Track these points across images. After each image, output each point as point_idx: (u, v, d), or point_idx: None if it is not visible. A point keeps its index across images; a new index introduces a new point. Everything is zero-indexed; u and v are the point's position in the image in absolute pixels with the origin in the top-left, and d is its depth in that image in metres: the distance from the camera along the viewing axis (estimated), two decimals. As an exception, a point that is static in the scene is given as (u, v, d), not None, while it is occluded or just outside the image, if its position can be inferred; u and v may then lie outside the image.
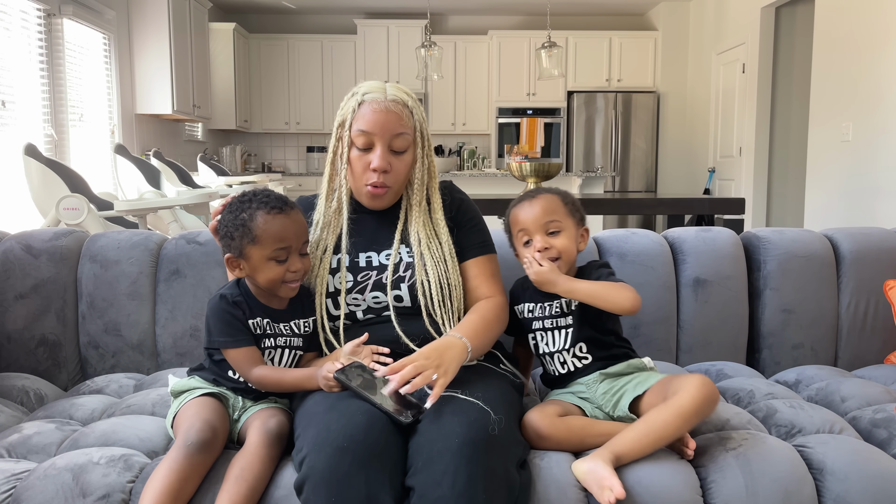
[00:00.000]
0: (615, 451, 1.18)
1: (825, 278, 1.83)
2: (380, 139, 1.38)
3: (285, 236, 1.30)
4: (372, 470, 1.08)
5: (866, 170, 4.44)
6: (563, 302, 1.43)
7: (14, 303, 1.72)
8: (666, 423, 1.19)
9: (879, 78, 4.28)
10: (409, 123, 1.41)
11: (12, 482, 1.18)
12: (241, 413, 1.31)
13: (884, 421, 1.38)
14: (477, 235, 1.49)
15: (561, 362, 1.43)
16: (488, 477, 1.07)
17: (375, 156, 1.38)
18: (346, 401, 1.18)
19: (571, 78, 7.65)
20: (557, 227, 1.43)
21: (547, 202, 1.45)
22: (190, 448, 1.14)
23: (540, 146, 4.60)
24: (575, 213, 1.47)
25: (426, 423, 1.15)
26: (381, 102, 1.38)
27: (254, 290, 1.35)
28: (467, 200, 1.54)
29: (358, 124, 1.38)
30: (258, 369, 1.29)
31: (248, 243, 1.29)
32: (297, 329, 1.37)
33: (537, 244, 1.42)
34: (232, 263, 1.32)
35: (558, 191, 1.50)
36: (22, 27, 4.07)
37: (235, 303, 1.31)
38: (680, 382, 1.25)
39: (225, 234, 1.32)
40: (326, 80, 7.73)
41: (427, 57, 5.43)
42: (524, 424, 1.28)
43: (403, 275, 1.40)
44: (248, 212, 1.30)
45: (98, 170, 4.98)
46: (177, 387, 1.35)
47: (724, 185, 6.69)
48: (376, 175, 1.38)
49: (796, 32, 5.82)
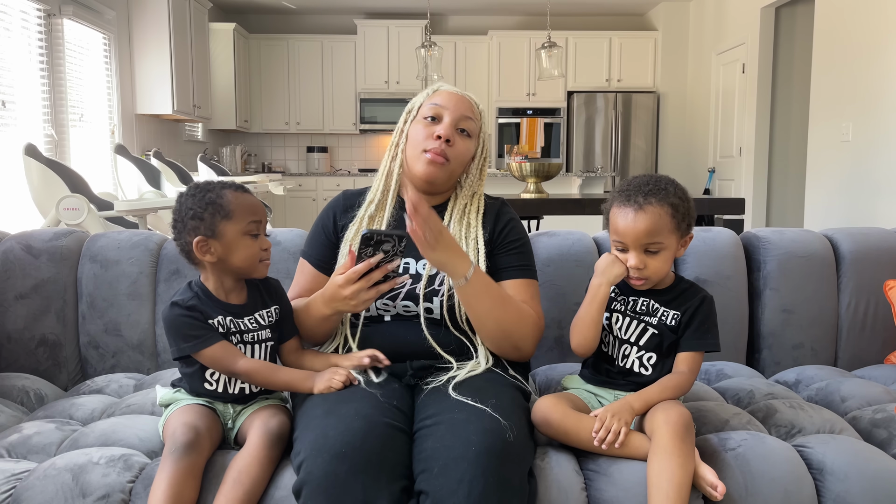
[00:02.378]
0: None
1: (825, 278, 1.83)
2: (450, 113, 1.40)
3: (256, 210, 1.29)
4: (369, 476, 1.07)
5: (866, 170, 4.44)
6: (652, 304, 1.35)
7: (14, 303, 1.72)
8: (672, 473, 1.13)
9: (879, 78, 4.28)
10: (478, 118, 1.45)
11: (12, 482, 1.18)
12: (233, 418, 1.29)
13: (884, 421, 1.38)
14: (519, 258, 1.44)
15: (625, 354, 1.36)
16: (504, 487, 1.07)
17: (443, 125, 1.39)
18: (345, 405, 1.17)
19: (571, 78, 7.65)
20: (658, 248, 1.31)
21: (653, 219, 1.29)
22: (175, 453, 1.14)
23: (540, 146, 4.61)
24: (682, 224, 1.33)
25: (441, 428, 1.14)
26: (456, 91, 1.44)
27: (213, 282, 1.30)
28: (517, 222, 1.50)
29: (430, 101, 1.42)
30: (244, 361, 1.25)
31: (221, 219, 1.25)
32: (262, 321, 1.32)
33: (632, 261, 1.31)
34: (202, 248, 1.26)
35: (671, 196, 1.32)
36: (22, 27, 4.08)
37: (190, 307, 1.25)
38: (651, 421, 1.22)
39: (192, 217, 1.26)
40: (326, 80, 7.73)
41: (427, 57, 5.43)
42: (535, 409, 1.27)
43: (438, 288, 1.36)
44: (214, 192, 1.27)
45: (98, 170, 4.98)
46: (163, 399, 1.33)
47: (724, 185, 6.69)
48: (438, 143, 1.37)
49: (796, 32, 5.82)
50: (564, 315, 1.74)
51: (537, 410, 1.27)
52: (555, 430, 1.25)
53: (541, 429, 1.27)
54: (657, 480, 1.14)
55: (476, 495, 1.05)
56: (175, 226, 1.30)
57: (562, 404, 1.27)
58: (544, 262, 1.76)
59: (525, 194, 3.85)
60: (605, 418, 1.21)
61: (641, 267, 1.31)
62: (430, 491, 1.08)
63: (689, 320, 1.32)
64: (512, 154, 4.43)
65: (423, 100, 1.44)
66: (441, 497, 1.06)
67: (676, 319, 1.33)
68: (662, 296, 1.36)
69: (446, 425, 1.14)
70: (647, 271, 1.31)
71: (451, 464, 1.08)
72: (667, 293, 1.37)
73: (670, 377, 1.30)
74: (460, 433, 1.12)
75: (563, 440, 1.26)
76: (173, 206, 1.32)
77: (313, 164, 7.84)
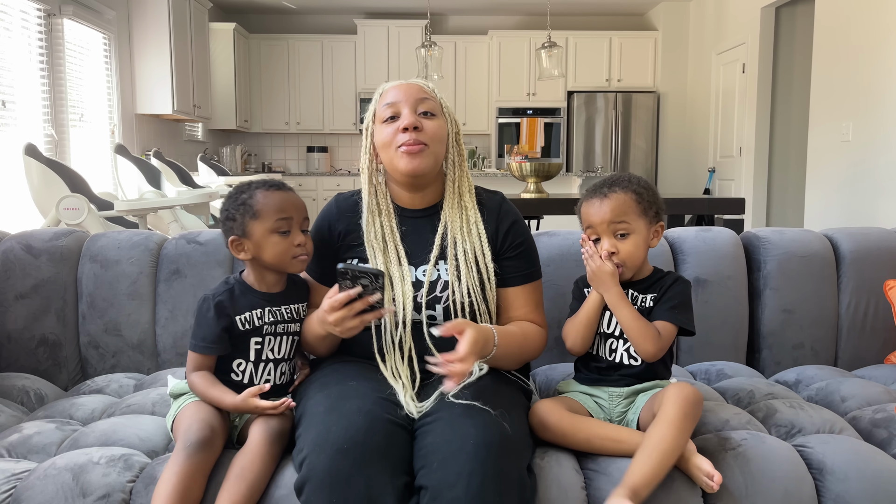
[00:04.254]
0: (631, 486, 1.13)
1: (825, 278, 1.83)
2: (405, 104, 1.36)
3: (284, 207, 1.33)
4: (373, 471, 1.08)
5: (866, 170, 4.44)
6: (631, 294, 1.39)
7: (14, 303, 1.72)
8: (662, 436, 1.17)
9: (879, 78, 4.28)
10: (434, 96, 1.40)
11: (12, 482, 1.18)
12: (239, 416, 1.31)
13: (884, 421, 1.38)
14: (523, 262, 1.42)
15: (612, 349, 1.39)
16: (502, 479, 1.08)
17: (403, 116, 1.35)
18: (347, 402, 1.18)
19: (571, 78, 7.65)
20: (626, 229, 1.36)
21: (617, 202, 1.36)
22: (189, 448, 1.15)
23: (540, 146, 4.60)
24: (648, 210, 1.39)
25: (441, 424, 1.15)
26: (402, 82, 1.41)
27: (254, 276, 1.36)
28: (520, 222, 1.46)
29: (382, 103, 1.38)
30: (196, 374, 1.29)
31: (249, 219, 1.32)
32: (296, 314, 1.38)
33: (605, 247, 1.36)
34: (236, 246, 1.33)
35: (633, 185, 1.39)
36: (22, 27, 4.07)
37: (218, 304, 1.30)
38: (660, 396, 1.25)
39: (227, 218, 1.34)
40: (326, 80, 7.73)
41: (427, 57, 5.43)
42: (532, 412, 1.28)
43: (440, 295, 1.35)
44: (248, 192, 1.34)
45: (98, 170, 4.98)
46: (175, 389, 1.35)
47: (724, 185, 6.69)
48: (407, 134, 1.33)
49: (796, 32, 5.82)
50: (564, 315, 1.72)
51: (534, 415, 1.28)
52: (552, 433, 1.26)
53: (539, 433, 1.27)
54: (647, 441, 1.17)
55: (474, 487, 1.05)
56: (221, 226, 1.39)
57: (558, 408, 1.28)
58: (544, 262, 1.75)
59: (525, 194, 3.85)
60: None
61: (613, 250, 1.36)
62: (429, 485, 1.08)
63: (662, 296, 1.38)
64: (512, 154, 4.43)
65: (375, 106, 1.40)
66: (440, 490, 1.06)
67: (653, 300, 1.38)
68: (640, 285, 1.41)
69: (446, 421, 1.15)
70: (621, 255, 1.36)
71: (449, 457, 1.09)
72: (644, 282, 1.42)
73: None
74: (459, 428, 1.12)
75: (562, 443, 1.27)
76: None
77: (313, 164, 7.84)
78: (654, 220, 1.40)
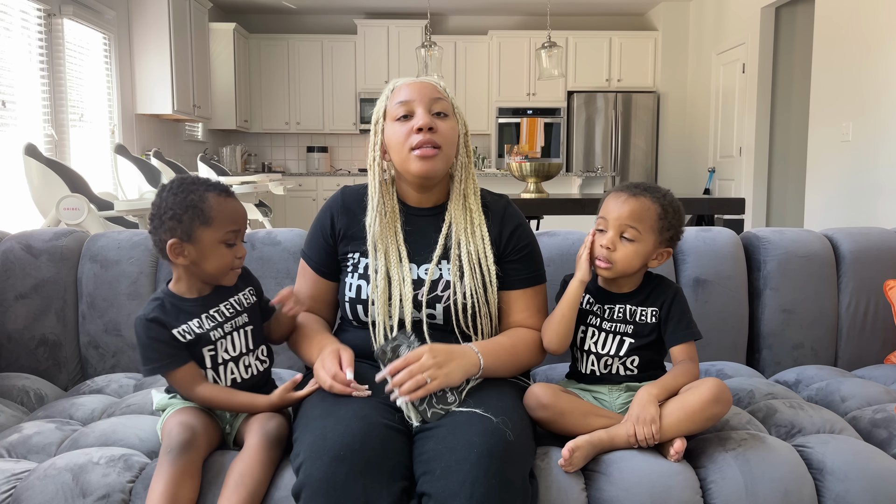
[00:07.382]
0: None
1: (825, 278, 1.83)
2: (419, 103, 1.32)
3: (237, 219, 1.25)
4: (369, 478, 1.07)
5: (866, 170, 4.44)
6: (629, 309, 1.37)
7: (14, 303, 1.72)
8: (690, 390, 1.23)
9: (879, 78, 4.28)
10: (446, 95, 1.37)
11: (12, 482, 1.18)
12: (230, 422, 1.29)
13: (884, 421, 1.38)
14: (527, 265, 1.41)
15: (606, 365, 1.37)
16: (506, 488, 1.07)
17: (418, 116, 1.31)
18: (344, 406, 1.17)
19: (571, 78, 7.65)
20: (634, 235, 1.33)
21: (641, 207, 1.34)
22: (171, 454, 1.14)
23: (540, 146, 4.60)
24: (665, 230, 1.35)
25: (442, 430, 1.14)
26: (416, 80, 1.37)
27: (185, 284, 1.27)
28: (524, 226, 1.44)
29: (395, 101, 1.34)
30: (203, 388, 1.23)
31: (199, 225, 1.22)
32: (238, 305, 1.30)
33: (605, 240, 1.34)
34: (175, 250, 1.22)
35: (664, 200, 1.36)
36: (22, 27, 4.07)
37: (152, 319, 1.22)
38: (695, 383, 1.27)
39: (171, 217, 1.22)
40: (326, 80, 7.73)
41: (427, 57, 5.43)
42: (528, 392, 1.27)
43: (441, 294, 1.34)
44: (197, 193, 1.23)
45: (98, 170, 4.98)
46: (159, 405, 1.32)
47: (724, 185, 6.69)
48: (421, 135, 1.30)
49: (796, 32, 5.82)
50: (564, 315, 1.74)
51: (530, 394, 1.27)
52: (550, 411, 1.25)
53: (534, 412, 1.26)
54: (683, 391, 1.24)
55: (479, 497, 1.05)
56: (153, 220, 1.26)
57: (554, 387, 1.28)
58: (544, 262, 1.75)
59: (525, 194, 3.85)
60: (638, 431, 1.22)
61: (612, 247, 1.33)
62: (432, 493, 1.08)
63: (667, 314, 1.36)
64: (512, 154, 4.43)
65: (386, 102, 1.37)
66: (444, 499, 1.06)
67: (655, 315, 1.36)
68: (635, 297, 1.39)
69: (447, 427, 1.14)
70: (615, 255, 1.34)
71: (453, 466, 1.08)
72: (639, 293, 1.39)
73: (678, 368, 1.32)
74: (462, 435, 1.12)
75: (559, 422, 1.26)
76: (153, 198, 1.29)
77: (313, 164, 7.84)
78: (666, 243, 1.37)
